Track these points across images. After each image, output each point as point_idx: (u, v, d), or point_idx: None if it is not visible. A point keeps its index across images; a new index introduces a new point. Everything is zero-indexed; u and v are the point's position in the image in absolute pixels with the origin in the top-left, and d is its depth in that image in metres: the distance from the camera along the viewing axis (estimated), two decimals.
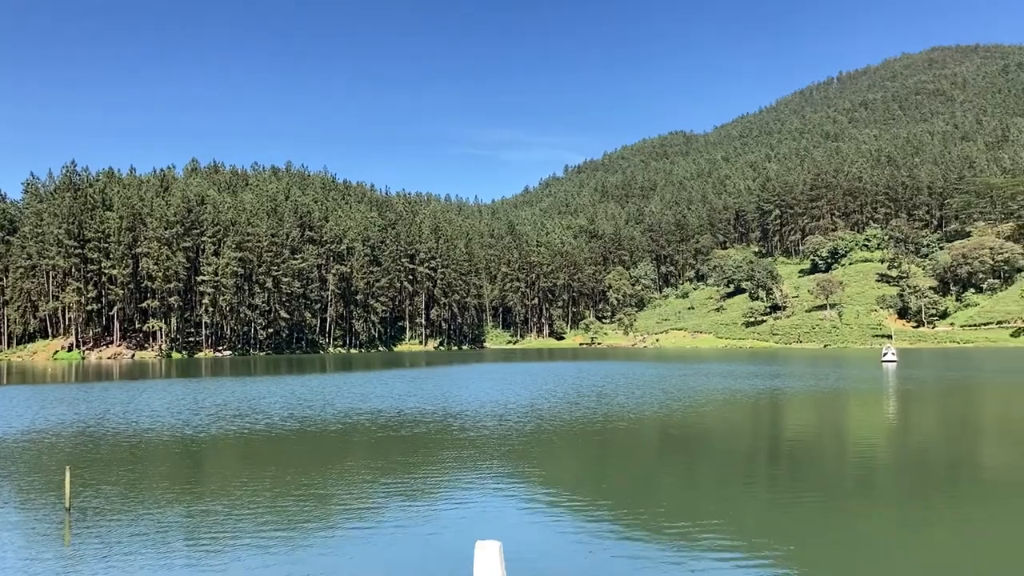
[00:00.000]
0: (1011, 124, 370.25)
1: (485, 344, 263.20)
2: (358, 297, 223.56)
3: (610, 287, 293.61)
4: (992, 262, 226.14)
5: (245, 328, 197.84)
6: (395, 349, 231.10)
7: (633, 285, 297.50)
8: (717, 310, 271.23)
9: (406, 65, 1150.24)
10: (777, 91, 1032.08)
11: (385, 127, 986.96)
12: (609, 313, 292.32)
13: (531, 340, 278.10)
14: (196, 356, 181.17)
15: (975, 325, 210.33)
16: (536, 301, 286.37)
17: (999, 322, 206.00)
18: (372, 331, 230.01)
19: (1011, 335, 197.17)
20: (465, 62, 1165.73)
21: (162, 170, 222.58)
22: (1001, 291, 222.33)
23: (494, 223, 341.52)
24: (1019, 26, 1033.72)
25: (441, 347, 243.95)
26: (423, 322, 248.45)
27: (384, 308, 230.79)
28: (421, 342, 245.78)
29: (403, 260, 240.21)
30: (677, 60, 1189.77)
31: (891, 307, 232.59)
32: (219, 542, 17.02)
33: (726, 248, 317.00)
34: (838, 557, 15.70)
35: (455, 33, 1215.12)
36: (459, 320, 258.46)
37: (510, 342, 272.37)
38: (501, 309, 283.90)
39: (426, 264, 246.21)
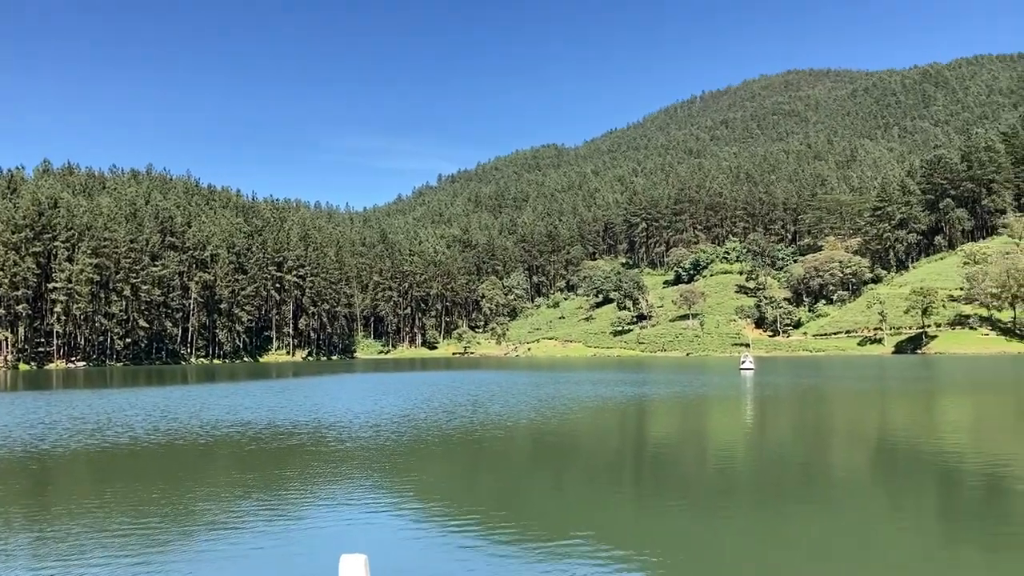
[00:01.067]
0: (859, 145, 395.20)
1: (356, 354, 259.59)
2: (222, 306, 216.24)
3: (483, 297, 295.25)
4: (841, 275, 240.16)
5: (101, 338, 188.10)
6: (261, 360, 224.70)
7: (506, 295, 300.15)
8: (587, 319, 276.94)
9: (274, 67, 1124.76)
10: (644, 108, 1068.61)
11: (252, 131, 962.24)
12: (482, 322, 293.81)
13: (403, 350, 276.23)
14: (47, 367, 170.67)
15: (826, 334, 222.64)
16: (409, 310, 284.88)
17: (847, 331, 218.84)
18: (237, 341, 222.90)
19: (858, 344, 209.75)
20: (336, 66, 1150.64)
21: (10, 171, 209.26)
22: (849, 302, 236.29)
23: (366, 231, 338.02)
24: (867, 53, 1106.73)
25: (310, 357, 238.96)
26: (291, 332, 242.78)
27: (250, 317, 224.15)
28: (289, 352, 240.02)
29: (270, 268, 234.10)
30: (548, 74, 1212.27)
31: (749, 317, 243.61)
32: (70, 567, 16.08)
33: (595, 259, 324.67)
34: (700, 558, 16.27)
35: (324, 37, 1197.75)
36: (329, 330, 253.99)
37: (382, 352, 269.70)
38: (373, 319, 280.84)
39: (294, 272, 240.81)
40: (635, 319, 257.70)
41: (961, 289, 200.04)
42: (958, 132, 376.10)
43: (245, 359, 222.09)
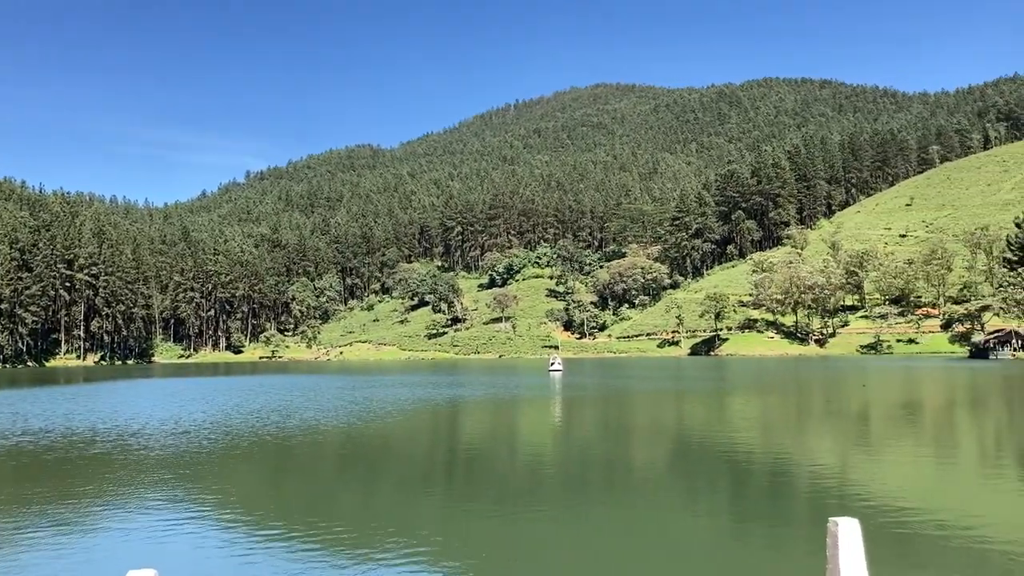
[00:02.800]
0: (660, 159, 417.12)
1: (154, 358, 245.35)
2: (3, 306, 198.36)
3: (293, 299, 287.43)
4: (643, 280, 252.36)
5: None
6: (48, 364, 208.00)
7: (318, 297, 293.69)
8: (401, 322, 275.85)
9: (66, 53, 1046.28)
10: (460, 113, 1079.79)
11: (39, 119, 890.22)
12: (292, 326, 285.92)
13: (206, 354, 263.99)
14: None
15: (628, 337, 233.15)
16: (213, 313, 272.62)
17: (648, 334, 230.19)
18: (20, 344, 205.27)
19: (657, 345, 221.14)
20: (134, 54, 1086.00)
21: None
22: (650, 306, 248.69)
23: (167, 228, 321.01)
24: (668, 71, 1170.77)
25: (103, 361, 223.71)
26: (82, 334, 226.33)
27: (35, 319, 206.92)
28: (79, 356, 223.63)
29: (59, 266, 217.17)
30: (365, 74, 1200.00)
31: (558, 320, 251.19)
32: None
33: (411, 262, 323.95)
34: (508, 558, 16.50)
35: (122, 23, 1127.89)
36: (124, 332, 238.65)
37: (182, 356, 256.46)
38: (173, 321, 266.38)
39: (86, 271, 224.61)
40: (450, 322, 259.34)
41: (750, 295, 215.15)
42: (749, 149, 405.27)
43: (29, 363, 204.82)
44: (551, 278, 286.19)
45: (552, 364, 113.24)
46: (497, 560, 16.31)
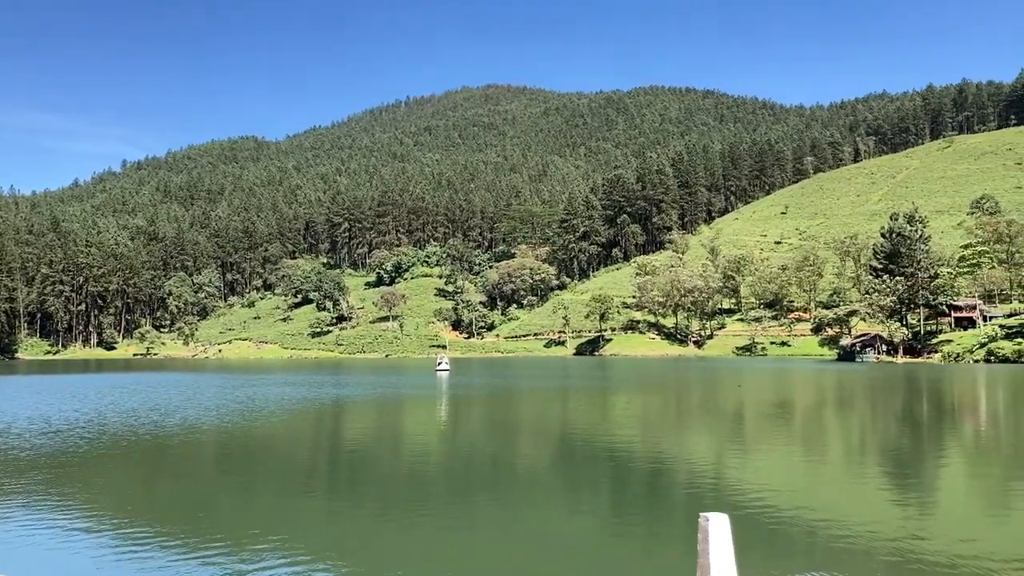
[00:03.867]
0: (550, 161, 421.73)
1: (18, 354, 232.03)
2: None
3: (170, 294, 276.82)
4: (531, 281, 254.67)
5: None
6: None
7: (196, 292, 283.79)
8: (284, 320, 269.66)
9: None
10: (349, 108, 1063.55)
11: None
12: (168, 322, 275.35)
13: (76, 350, 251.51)
14: None
15: (516, 336, 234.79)
16: (84, 307, 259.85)
17: (535, 334, 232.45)
18: None
19: (544, 345, 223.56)
20: None
21: None
22: (538, 307, 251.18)
23: (34, 218, 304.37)
24: (558, 75, 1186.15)
25: None
26: None
27: None
28: None
29: None
30: (250, 64, 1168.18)
31: (447, 319, 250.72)
32: None
33: (295, 258, 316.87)
34: (388, 560, 16.37)
35: None
36: None
37: (50, 352, 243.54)
38: (40, 315, 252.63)
39: None
40: (335, 320, 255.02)
41: (633, 297, 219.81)
42: (635, 155, 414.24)
43: None
44: (440, 277, 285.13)
45: (439, 364, 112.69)
46: (382, 562, 16.15)
